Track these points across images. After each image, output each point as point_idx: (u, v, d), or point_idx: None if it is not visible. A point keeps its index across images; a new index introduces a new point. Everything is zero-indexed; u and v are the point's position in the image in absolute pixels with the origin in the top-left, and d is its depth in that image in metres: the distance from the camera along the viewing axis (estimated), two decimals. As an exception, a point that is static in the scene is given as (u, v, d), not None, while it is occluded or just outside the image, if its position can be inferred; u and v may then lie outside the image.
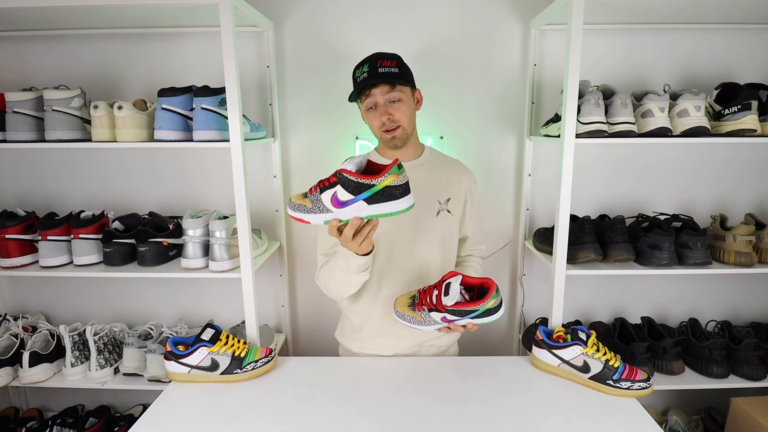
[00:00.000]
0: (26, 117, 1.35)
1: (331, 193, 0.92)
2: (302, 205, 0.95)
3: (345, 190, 0.92)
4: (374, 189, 0.91)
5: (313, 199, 0.94)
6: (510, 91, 1.65)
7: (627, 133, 1.32)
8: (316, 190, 0.94)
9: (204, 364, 1.18)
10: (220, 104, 1.32)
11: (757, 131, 1.31)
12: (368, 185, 0.91)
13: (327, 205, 0.94)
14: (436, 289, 1.08)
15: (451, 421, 1.00)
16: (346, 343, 1.34)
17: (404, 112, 1.17)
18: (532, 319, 1.75)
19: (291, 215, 0.97)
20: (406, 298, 1.17)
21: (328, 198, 0.93)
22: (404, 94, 1.17)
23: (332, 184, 0.93)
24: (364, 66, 1.16)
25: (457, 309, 1.05)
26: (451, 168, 1.31)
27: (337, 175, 0.92)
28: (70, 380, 1.49)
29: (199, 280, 1.76)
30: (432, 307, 1.08)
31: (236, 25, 1.24)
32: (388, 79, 1.14)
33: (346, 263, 1.09)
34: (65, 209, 1.63)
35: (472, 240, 1.35)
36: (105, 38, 1.61)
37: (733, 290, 1.76)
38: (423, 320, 1.10)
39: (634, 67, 1.61)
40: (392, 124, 1.17)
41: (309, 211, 0.95)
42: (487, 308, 1.05)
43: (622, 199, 1.70)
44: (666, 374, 1.47)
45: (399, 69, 1.15)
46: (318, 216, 0.95)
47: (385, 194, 0.92)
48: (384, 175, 0.91)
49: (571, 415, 1.03)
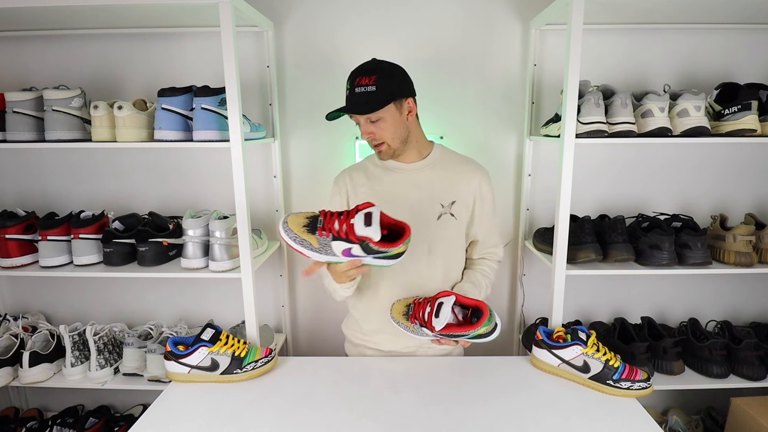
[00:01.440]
0: (26, 117, 1.35)
1: (345, 247, 0.94)
2: (307, 242, 0.96)
3: (363, 251, 0.95)
4: (387, 254, 0.96)
5: (322, 241, 0.95)
6: (510, 91, 1.65)
7: (627, 133, 1.32)
8: (328, 235, 0.95)
9: (204, 364, 1.18)
10: (220, 104, 1.32)
11: (757, 131, 1.31)
12: (384, 252, 0.95)
13: (336, 252, 0.96)
14: (429, 306, 1.08)
15: (451, 421, 1.00)
16: (350, 335, 1.36)
17: (385, 129, 1.14)
18: (532, 319, 1.75)
19: (289, 244, 0.97)
20: (402, 305, 1.17)
21: (340, 248, 0.95)
22: (385, 112, 1.12)
23: (350, 241, 0.94)
24: (348, 81, 1.13)
25: (446, 333, 1.05)
26: (461, 168, 1.25)
27: (360, 241, 0.93)
28: (70, 380, 1.49)
29: (199, 280, 1.76)
30: (423, 324, 1.08)
31: (236, 25, 1.24)
32: (360, 107, 1.11)
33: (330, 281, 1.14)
34: (65, 209, 1.63)
35: (485, 243, 1.29)
36: (105, 38, 1.61)
37: (733, 290, 1.76)
38: (416, 332, 1.11)
39: (634, 67, 1.61)
40: (375, 142, 1.17)
41: (314, 249, 0.96)
42: (478, 334, 1.05)
43: (622, 199, 1.70)
44: (666, 374, 1.47)
45: (377, 86, 1.09)
46: (322, 257, 0.96)
47: (392, 257, 0.97)
48: (400, 245, 0.96)
49: (571, 415, 1.03)
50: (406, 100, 1.16)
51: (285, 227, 0.97)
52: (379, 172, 1.25)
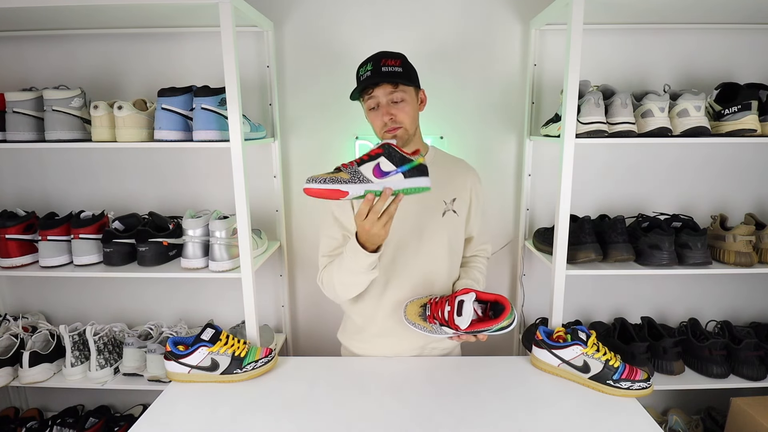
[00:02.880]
0: (26, 117, 1.35)
1: (374, 164, 0.97)
2: (337, 177, 0.96)
3: (389, 161, 0.97)
4: (413, 163, 0.99)
5: (351, 171, 0.97)
6: (510, 91, 1.65)
7: (627, 133, 1.32)
8: (353, 164, 0.98)
9: (204, 364, 1.18)
10: (220, 104, 1.32)
11: (757, 131, 1.31)
12: (409, 159, 0.98)
13: (368, 176, 0.97)
14: (449, 305, 1.08)
15: (451, 421, 1.00)
16: (348, 343, 1.34)
17: (407, 112, 1.15)
18: (532, 319, 1.75)
19: (319, 189, 0.95)
20: (416, 306, 1.16)
21: (370, 169, 0.97)
22: (407, 95, 1.15)
23: (375, 155, 0.98)
24: (368, 65, 1.14)
25: (471, 330, 1.07)
26: (455, 167, 1.29)
27: (383, 146, 0.98)
28: (70, 380, 1.49)
29: (199, 280, 1.76)
30: (444, 323, 1.08)
31: (236, 25, 1.24)
32: (390, 78, 1.12)
33: (354, 262, 1.08)
34: (65, 209, 1.63)
35: (478, 240, 1.34)
36: (105, 38, 1.61)
37: (733, 290, 1.76)
38: (434, 331, 1.11)
39: (634, 67, 1.61)
40: (394, 125, 1.15)
41: (346, 182, 0.96)
42: (501, 327, 1.08)
43: (622, 199, 1.70)
44: (666, 374, 1.47)
45: (403, 68, 1.13)
46: (358, 186, 0.97)
47: (419, 170, 0.99)
48: (419, 154, 1.00)
49: (571, 415, 1.03)
50: (421, 90, 1.22)
51: (317, 178, 0.96)
52: None
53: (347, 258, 1.10)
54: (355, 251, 1.06)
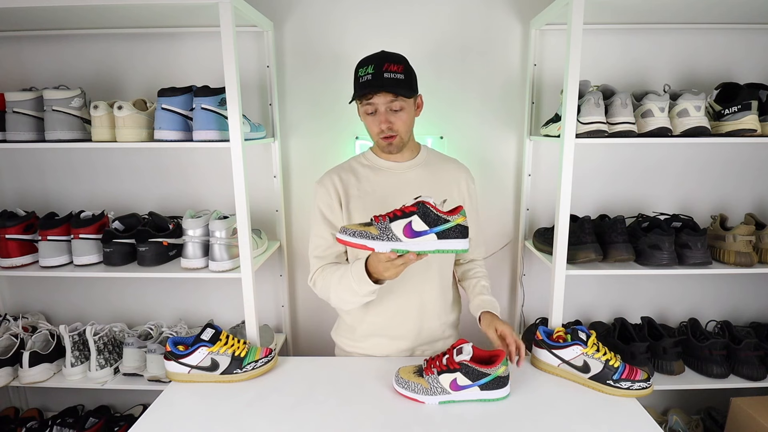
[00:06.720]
0: (26, 117, 1.35)
1: (405, 222, 0.94)
2: (366, 232, 0.95)
3: (422, 220, 0.94)
4: (449, 224, 0.94)
5: (381, 226, 0.95)
6: (510, 91, 1.65)
7: (627, 133, 1.32)
8: (385, 219, 0.95)
9: (204, 364, 1.18)
10: (220, 104, 1.32)
11: (757, 131, 1.31)
12: (445, 219, 0.94)
13: (397, 233, 0.94)
14: (447, 354, 1.07)
15: (451, 421, 1.00)
16: (341, 342, 1.35)
17: (404, 120, 1.14)
18: (532, 319, 1.75)
19: (348, 242, 0.95)
20: (408, 370, 1.13)
21: (401, 227, 0.94)
22: (406, 104, 1.13)
23: (407, 213, 0.94)
24: (369, 66, 1.10)
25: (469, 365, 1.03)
26: (448, 167, 1.28)
27: (417, 204, 0.94)
28: (70, 380, 1.49)
29: (199, 280, 1.76)
30: (443, 370, 1.05)
31: (236, 25, 1.24)
32: (392, 88, 1.09)
33: (358, 285, 1.08)
34: (65, 209, 1.63)
35: (473, 242, 1.31)
36: (105, 38, 1.61)
37: (733, 290, 1.76)
38: (430, 386, 1.06)
39: (634, 67, 1.61)
40: (390, 133, 1.14)
41: (374, 238, 0.94)
42: (498, 375, 1.05)
43: (622, 199, 1.70)
44: (666, 374, 1.47)
45: (405, 75, 1.10)
46: (384, 243, 0.95)
47: (456, 231, 0.95)
48: (459, 213, 0.95)
49: (571, 415, 1.03)
50: (419, 96, 1.21)
51: (347, 231, 0.96)
52: (368, 172, 1.24)
53: (350, 279, 1.09)
54: (360, 278, 1.06)
